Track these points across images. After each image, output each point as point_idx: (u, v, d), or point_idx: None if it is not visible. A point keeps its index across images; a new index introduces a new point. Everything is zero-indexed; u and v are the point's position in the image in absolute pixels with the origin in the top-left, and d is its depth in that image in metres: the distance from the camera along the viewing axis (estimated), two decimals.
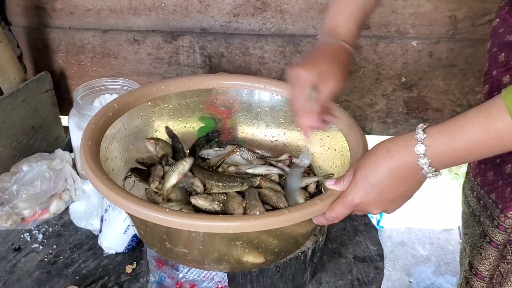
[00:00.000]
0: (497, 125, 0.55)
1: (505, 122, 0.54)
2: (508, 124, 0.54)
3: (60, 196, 1.12)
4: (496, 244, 0.86)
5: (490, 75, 0.83)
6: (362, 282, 0.94)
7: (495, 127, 0.55)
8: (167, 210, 0.68)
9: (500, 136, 0.55)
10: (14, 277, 0.95)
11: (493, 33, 0.83)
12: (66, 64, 1.48)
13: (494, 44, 0.82)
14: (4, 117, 1.18)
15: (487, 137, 0.56)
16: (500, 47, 0.80)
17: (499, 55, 0.80)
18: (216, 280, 0.83)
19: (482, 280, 0.91)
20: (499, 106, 0.54)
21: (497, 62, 0.80)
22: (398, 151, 0.63)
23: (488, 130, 0.56)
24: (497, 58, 0.80)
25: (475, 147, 0.57)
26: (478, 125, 0.56)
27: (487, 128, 0.56)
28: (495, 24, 0.83)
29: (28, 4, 1.40)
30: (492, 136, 0.56)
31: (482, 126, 0.56)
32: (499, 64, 0.80)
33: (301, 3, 1.33)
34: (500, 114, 0.54)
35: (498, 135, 0.55)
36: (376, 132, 1.51)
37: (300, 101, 0.73)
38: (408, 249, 2.18)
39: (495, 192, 0.85)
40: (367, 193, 0.65)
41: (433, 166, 0.61)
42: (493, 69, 0.82)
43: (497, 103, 0.55)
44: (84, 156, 0.76)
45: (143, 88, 0.98)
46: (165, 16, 1.38)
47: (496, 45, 0.81)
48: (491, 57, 0.83)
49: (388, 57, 1.38)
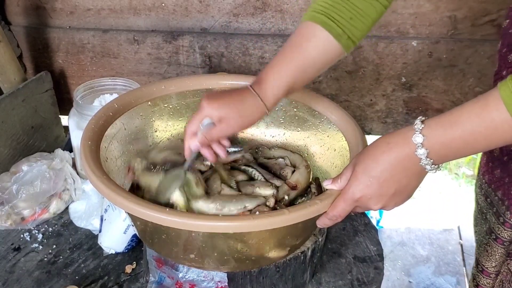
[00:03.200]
0: (493, 115, 0.56)
1: (500, 112, 0.55)
2: (503, 113, 0.55)
3: (60, 196, 1.12)
4: (502, 241, 0.87)
5: (500, 75, 0.84)
6: (362, 282, 0.94)
7: (490, 116, 0.56)
8: (167, 210, 0.68)
9: (495, 125, 0.56)
10: (13, 277, 0.95)
11: (503, 33, 0.84)
12: (66, 64, 1.48)
13: (504, 45, 0.83)
14: (4, 117, 1.18)
15: (483, 127, 0.57)
16: (510, 48, 0.81)
17: (509, 56, 0.81)
18: (216, 280, 0.83)
19: (488, 277, 0.92)
20: (495, 96, 0.55)
21: (507, 63, 0.81)
22: (397, 143, 0.63)
23: (484, 119, 0.57)
24: (507, 59, 0.81)
25: (471, 137, 0.58)
26: (475, 114, 0.57)
27: (483, 117, 0.57)
28: (505, 25, 0.84)
29: (28, 4, 1.40)
30: (488, 125, 0.57)
31: (478, 115, 0.57)
32: (508, 64, 0.81)
33: (301, 3, 1.33)
34: (496, 104, 0.55)
35: (493, 125, 0.56)
36: (376, 132, 1.51)
37: (193, 127, 0.78)
38: (408, 249, 2.18)
39: (502, 189, 0.86)
40: (368, 186, 0.65)
41: (431, 158, 0.61)
42: (503, 69, 0.83)
43: (493, 94, 0.56)
44: (84, 156, 0.76)
45: (143, 88, 0.99)
46: (165, 16, 1.38)
47: (506, 46, 0.82)
48: (501, 58, 0.84)
49: (388, 57, 1.38)
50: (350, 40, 0.75)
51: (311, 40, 0.75)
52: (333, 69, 1.41)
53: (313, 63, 0.76)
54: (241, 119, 0.77)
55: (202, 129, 0.78)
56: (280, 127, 1.04)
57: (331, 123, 0.92)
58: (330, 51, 0.75)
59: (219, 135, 0.78)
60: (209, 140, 0.79)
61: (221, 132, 0.78)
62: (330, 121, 0.93)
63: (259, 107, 0.77)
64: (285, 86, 0.77)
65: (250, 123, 0.79)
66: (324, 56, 0.76)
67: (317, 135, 0.97)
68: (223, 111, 0.76)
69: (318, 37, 0.75)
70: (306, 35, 0.76)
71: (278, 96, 0.77)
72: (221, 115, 0.76)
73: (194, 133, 0.79)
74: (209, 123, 0.77)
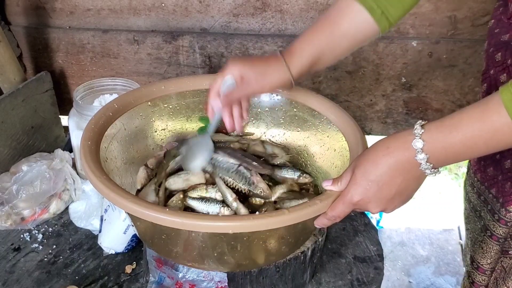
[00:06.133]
0: (493, 118, 0.56)
1: (501, 115, 0.55)
2: (503, 117, 0.55)
3: (60, 196, 1.12)
4: (497, 238, 0.87)
5: (488, 74, 0.84)
6: (362, 282, 0.94)
7: (491, 120, 0.56)
8: (167, 210, 0.68)
9: (496, 129, 0.56)
10: (13, 277, 0.95)
11: (490, 33, 0.85)
12: (66, 64, 1.48)
13: (491, 44, 0.84)
14: (4, 117, 1.18)
15: (483, 130, 0.57)
16: (497, 47, 0.82)
17: (496, 55, 0.82)
18: (216, 280, 0.83)
19: (483, 274, 0.93)
20: (496, 100, 0.56)
21: (494, 62, 0.82)
22: (397, 147, 0.63)
23: (484, 123, 0.57)
24: (494, 58, 0.82)
25: (471, 141, 0.58)
26: (475, 118, 0.57)
27: (483, 121, 0.57)
28: (490, 24, 0.85)
29: (28, 4, 1.40)
30: (488, 129, 0.57)
31: (479, 119, 0.57)
32: (496, 64, 0.82)
33: (301, 3, 1.33)
34: (497, 108, 0.55)
35: (494, 128, 0.56)
36: (376, 133, 1.51)
37: (216, 84, 0.80)
38: (408, 249, 2.18)
39: (495, 187, 0.86)
40: (367, 190, 0.66)
41: (431, 162, 0.62)
42: (491, 68, 0.83)
43: (494, 98, 0.56)
44: (84, 156, 0.76)
45: (143, 88, 0.99)
46: (165, 16, 1.38)
47: (492, 45, 0.83)
48: (488, 57, 0.84)
49: (388, 57, 1.38)
50: (387, 20, 0.75)
51: (347, 14, 0.76)
52: (333, 69, 1.41)
53: (344, 38, 0.77)
54: (262, 80, 0.79)
55: (224, 90, 0.79)
56: (280, 127, 1.04)
57: (331, 123, 0.92)
58: (364, 28, 0.76)
59: (240, 94, 0.80)
60: (230, 100, 0.80)
61: (241, 91, 0.79)
62: (330, 121, 0.93)
63: (282, 71, 0.78)
64: (312, 55, 0.78)
65: (271, 86, 0.80)
66: (357, 32, 0.77)
67: (317, 135, 0.97)
68: (245, 70, 0.78)
69: (354, 13, 0.75)
70: (342, 9, 0.77)
71: (303, 64, 0.79)
72: (242, 74, 0.78)
73: (217, 92, 0.80)
74: (231, 84, 0.79)
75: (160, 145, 1.02)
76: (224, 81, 0.80)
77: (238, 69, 0.78)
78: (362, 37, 0.78)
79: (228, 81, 0.79)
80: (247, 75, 0.78)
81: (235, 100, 0.81)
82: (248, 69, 0.78)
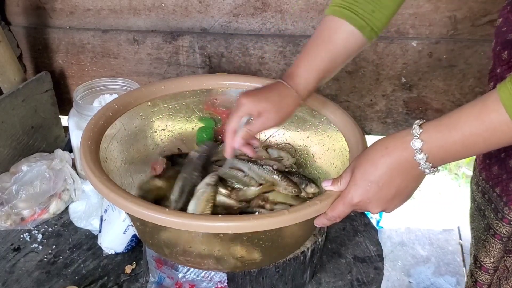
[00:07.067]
0: (491, 116, 0.56)
1: (499, 113, 0.55)
2: (502, 115, 0.55)
3: (60, 196, 1.12)
4: (501, 237, 0.87)
5: (495, 72, 0.85)
6: (362, 282, 0.94)
7: (489, 118, 0.56)
8: (166, 210, 0.68)
9: (494, 127, 0.56)
10: (13, 277, 0.95)
11: (497, 32, 0.85)
12: (66, 64, 1.48)
13: (498, 43, 0.84)
14: (4, 117, 1.18)
15: (482, 128, 0.57)
16: (503, 46, 0.82)
17: (503, 53, 0.82)
18: (215, 280, 0.83)
19: (486, 273, 0.93)
20: (494, 98, 0.55)
21: (501, 60, 0.82)
22: (395, 148, 0.63)
23: (483, 121, 0.57)
24: (501, 56, 0.82)
25: (470, 140, 0.58)
26: (473, 116, 0.57)
27: (481, 119, 0.57)
28: (498, 23, 0.85)
29: (28, 4, 1.40)
30: (487, 127, 0.57)
31: (477, 117, 0.57)
32: (502, 62, 0.82)
33: (301, 3, 1.33)
34: (495, 106, 0.55)
35: (492, 126, 0.56)
36: (376, 133, 1.51)
37: (233, 124, 0.81)
38: (408, 249, 2.18)
39: (500, 185, 0.86)
40: (366, 191, 0.66)
41: (430, 162, 0.62)
42: (497, 67, 0.84)
43: (492, 95, 0.56)
44: (84, 156, 0.76)
45: (143, 88, 0.99)
46: (165, 16, 1.38)
47: (499, 44, 0.83)
48: (495, 55, 0.85)
49: (388, 58, 1.38)
50: (373, 31, 0.79)
51: (337, 33, 0.79)
52: None
53: (341, 54, 0.81)
54: (280, 112, 0.80)
55: (243, 126, 0.80)
56: (280, 127, 1.04)
57: (331, 123, 0.92)
58: (354, 42, 0.80)
59: (260, 128, 0.81)
60: (251, 136, 0.81)
61: (262, 125, 0.80)
62: (330, 121, 0.93)
63: (294, 99, 0.81)
64: (316, 77, 0.81)
65: (287, 115, 0.82)
66: (350, 46, 0.81)
67: (317, 135, 0.97)
68: (262, 105, 0.79)
69: (344, 30, 0.79)
70: (332, 28, 0.80)
71: (310, 87, 0.81)
72: (259, 109, 0.79)
73: (234, 131, 0.81)
74: (247, 120, 0.80)
75: (159, 145, 1.02)
76: (241, 122, 0.80)
77: (254, 105, 0.79)
78: (355, 50, 0.82)
79: (244, 119, 0.80)
80: (265, 109, 0.79)
81: (255, 134, 0.83)
82: (264, 103, 0.79)
